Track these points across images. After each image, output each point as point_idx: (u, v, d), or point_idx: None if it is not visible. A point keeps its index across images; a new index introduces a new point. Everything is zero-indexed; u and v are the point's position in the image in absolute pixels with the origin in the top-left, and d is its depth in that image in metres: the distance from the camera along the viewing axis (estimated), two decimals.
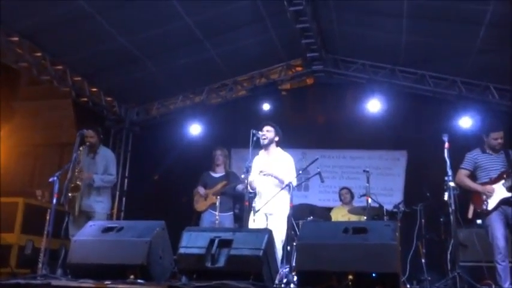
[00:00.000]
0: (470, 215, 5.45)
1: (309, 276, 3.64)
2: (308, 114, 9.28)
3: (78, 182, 5.62)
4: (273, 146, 5.58)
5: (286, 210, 5.17)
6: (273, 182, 5.34)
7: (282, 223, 5.16)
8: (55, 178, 4.96)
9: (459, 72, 7.92)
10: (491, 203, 5.25)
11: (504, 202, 5.21)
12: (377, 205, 6.74)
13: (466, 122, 7.78)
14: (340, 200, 7.63)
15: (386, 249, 3.54)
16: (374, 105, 8.25)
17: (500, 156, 5.40)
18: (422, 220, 6.44)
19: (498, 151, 5.41)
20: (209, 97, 9.36)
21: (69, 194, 5.57)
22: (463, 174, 5.50)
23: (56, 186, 4.95)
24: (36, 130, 11.32)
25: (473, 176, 5.51)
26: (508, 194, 5.19)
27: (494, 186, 5.29)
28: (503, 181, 5.26)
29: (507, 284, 4.95)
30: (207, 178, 6.87)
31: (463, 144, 6.11)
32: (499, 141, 5.37)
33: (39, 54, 7.31)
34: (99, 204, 5.90)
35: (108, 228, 4.30)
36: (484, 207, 5.28)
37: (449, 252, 5.72)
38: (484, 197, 5.29)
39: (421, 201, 6.55)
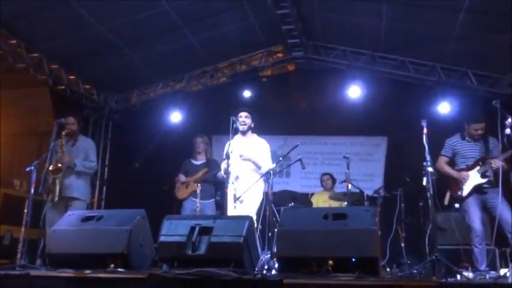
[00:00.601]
0: (446, 201, 5.55)
1: (290, 262, 3.66)
2: (289, 101, 9.29)
3: (59, 165, 5.57)
4: (249, 132, 5.63)
5: (259, 196, 5.27)
6: (251, 167, 5.36)
7: (254, 208, 5.24)
8: (32, 168, 4.89)
9: (439, 58, 7.97)
10: (466, 189, 5.36)
11: (477, 188, 5.30)
12: (358, 191, 6.80)
13: (445, 108, 7.84)
14: (322, 186, 7.67)
15: (366, 234, 3.57)
16: (355, 92, 8.26)
17: (479, 143, 5.48)
18: (402, 205, 6.51)
19: (477, 140, 5.48)
20: (189, 84, 9.29)
21: (50, 176, 5.52)
22: (442, 161, 5.61)
23: (34, 176, 4.87)
24: (14, 119, 11.12)
25: (451, 162, 5.60)
26: (482, 180, 5.28)
27: (469, 172, 5.38)
28: (478, 167, 5.35)
29: (483, 267, 5.05)
30: (188, 166, 6.84)
31: (442, 130, 6.17)
32: (479, 132, 5.43)
33: (14, 41, 7.16)
34: (79, 190, 5.85)
35: (88, 217, 4.26)
36: (460, 193, 5.38)
37: (427, 236, 5.80)
38: (460, 184, 5.38)
39: (400, 186, 6.62)
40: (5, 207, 7.27)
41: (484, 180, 5.27)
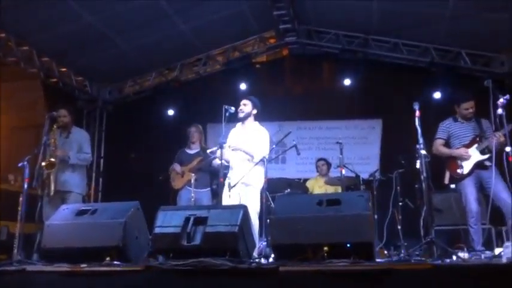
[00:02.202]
0: (446, 180, 5.55)
1: (285, 250, 3.66)
2: (283, 87, 9.26)
3: (52, 159, 5.55)
4: (250, 120, 5.54)
5: (259, 182, 5.19)
6: (244, 156, 5.33)
7: (256, 195, 5.19)
8: (25, 163, 4.86)
9: (431, 39, 7.94)
10: (467, 167, 5.34)
11: (479, 165, 5.30)
12: (353, 175, 6.79)
13: (438, 89, 7.82)
14: (317, 171, 7.66)
15: (360, 220, 3.56)
16: (348, 75, 8.24)
17: (472, 123, 5.48)
18: (398, 187, 6.51)
19: (470, 119, 5.48)
20: (183, 73, 9.25)
21: (45, 171, 5.51)
22: (439, 144, 5.59)
23: (26, 171, 4.85)
24: (11, 112, 11.04)
25: (447, 145, 5.59)
26: (482, 157, 5.28)
27: (468, 150, 5.37)
28: (476, 145, 5.34)
29: (479, 246, 5.07)
30: (183, 155, 6.82)
31: (436, 111, 6.18)
32: (470, 110, 5.43)
33: (3, 35, 7.12)
34: (74, 183, 5.85)
35: (82, 211, 4.24)
36: (460, 171, 5.36)
37: (422, 218, 5.82)
38: (459, 162, 5.38)
39: (396, 168, 6.61)
40: (0, 203, 7.26)
41: (485, 157, 5.25)
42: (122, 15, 7.17)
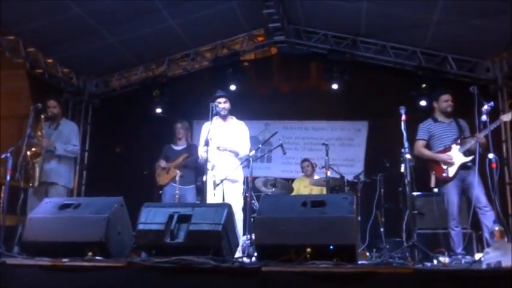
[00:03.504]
0: (432, 183, 5.62)
1: (268, 250, 3.67)
2: (271, 85, 9.25)
3: (34, 149, 5.50)
4: (228, 116, 5.75)
5: (242, 178, 5.48)
6: (229, 155, 5.49)
7: (240, 190, 5.42)
8: (8, 154, 4.81)
9: (419, 42, 7.99)
10: (451, 170, 5.41)
11: (463, 167, 5.37)
12: (338, 176, 6.83)
13: (425, 93, 7.87)
14: (302, 172, 7.68)
15: (344, 222, 3.58)
16: (336, 76, 8.24)
17: (452, 124, 5.57)
18: (382, 190, 6.57)
19: (450, 117, 5.56)
20: (171, 68, 9.18)
21: (30, 161, 5.46)
22: (420, 145, 5.63)
23: (10, 162, 4.79)
24: None
25: (427, 146, 5.65)
26: (465, 159, 5.35)
27: (450, 153, 5.43)
28: (458, 147, 5.41)
29: (460, 249, 5.15)
30: (169, 151, 6.82)
31: (422, 115, 6.22)
32: (449, 102, 5.55)
33: None
34: (60, 174, 5.80)
35: (65, 205, 4.20)
36: (445, 174, 5.43)
37: (404, 222, 5.88)
38: (443, 165, 5.43)
39: (381, 171, 6.67)
40: None
41: (468, 159, 5.34)
42: (111, 8, 7.09)
